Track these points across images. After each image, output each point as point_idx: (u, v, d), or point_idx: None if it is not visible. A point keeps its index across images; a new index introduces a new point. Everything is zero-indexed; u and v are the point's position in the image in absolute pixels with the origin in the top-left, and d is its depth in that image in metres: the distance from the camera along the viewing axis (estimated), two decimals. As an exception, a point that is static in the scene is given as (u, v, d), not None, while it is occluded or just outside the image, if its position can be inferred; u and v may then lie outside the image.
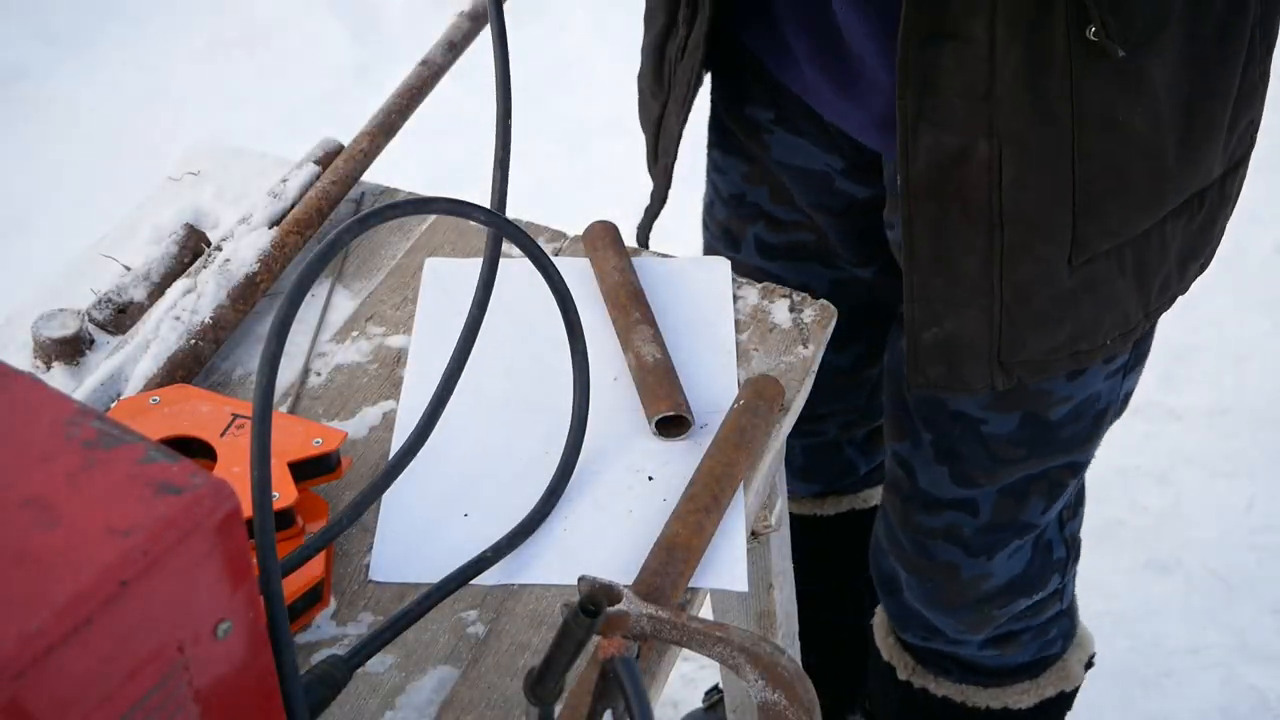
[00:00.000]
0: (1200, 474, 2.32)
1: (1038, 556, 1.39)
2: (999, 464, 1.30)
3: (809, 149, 1.30)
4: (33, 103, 3.13)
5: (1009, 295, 1.14)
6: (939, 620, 1.43)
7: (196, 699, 0.59)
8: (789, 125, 1.30)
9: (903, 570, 1.42)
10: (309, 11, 3.38)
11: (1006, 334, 1.16)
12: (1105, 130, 1.08)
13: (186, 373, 1.07)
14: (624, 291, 1.12)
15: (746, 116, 1.32)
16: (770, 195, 1.36)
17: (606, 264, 1.15)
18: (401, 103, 1.32)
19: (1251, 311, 2.61)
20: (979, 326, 1.16)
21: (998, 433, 1.27)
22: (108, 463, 0.56)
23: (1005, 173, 1.08)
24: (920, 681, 1.50)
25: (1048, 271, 1.13)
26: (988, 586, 1.38)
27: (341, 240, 0.82)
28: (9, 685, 0.49)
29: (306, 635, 0.92)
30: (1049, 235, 1.12)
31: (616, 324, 1.10)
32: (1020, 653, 1.46)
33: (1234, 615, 2.11)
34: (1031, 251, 1.12)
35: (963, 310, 1.15)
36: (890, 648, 1.52)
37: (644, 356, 1.06)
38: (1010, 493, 1.32)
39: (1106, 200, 1.11)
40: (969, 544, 1.35)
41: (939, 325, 1.16)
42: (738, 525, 0.98)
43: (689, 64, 1.24)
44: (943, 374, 1.19)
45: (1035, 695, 1.48)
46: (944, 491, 1.33)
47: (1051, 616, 1.46)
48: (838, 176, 1.31)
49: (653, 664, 0.91)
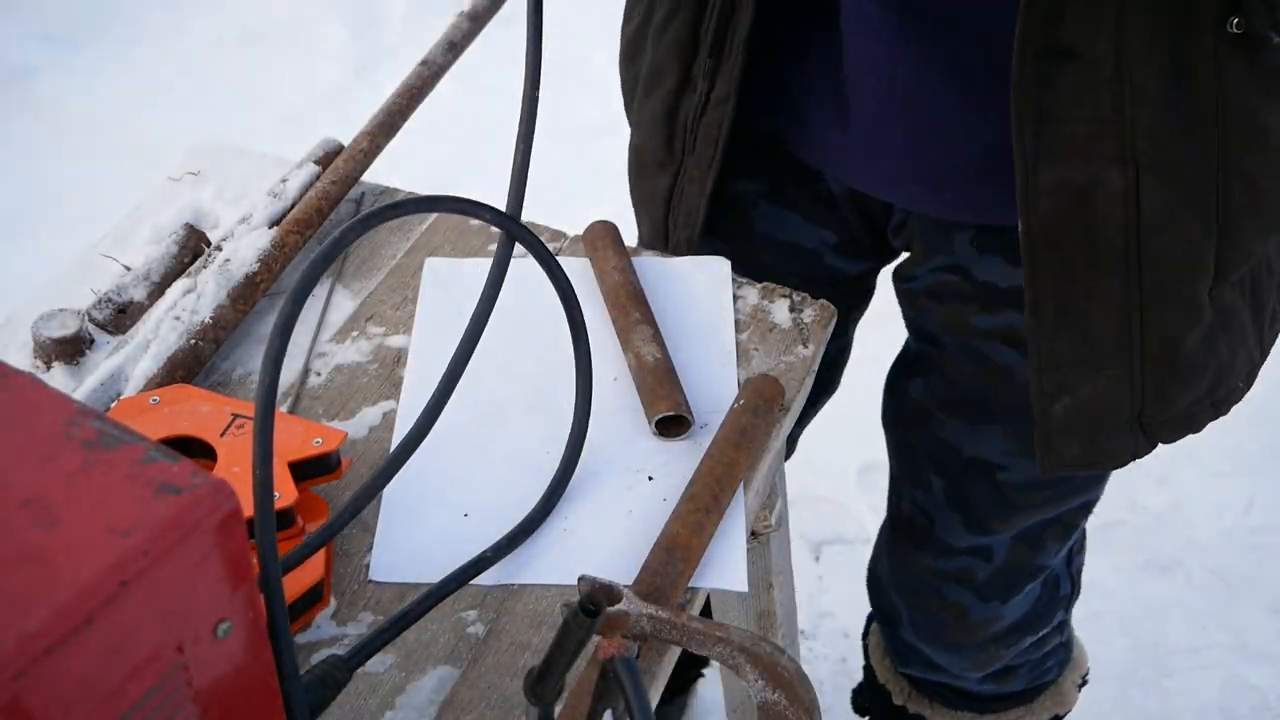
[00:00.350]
0: (1200, 474, 2.32)
1: (1045, 594, 1.37)
2: (1015, 511, 1.24)
3: (798, 223, 1.25)
4: (33, 103, 3.13)
5: (1153, 346, 1.02)
6: (941, 658, 1.40)
7: (196, 699, 0.59)
8: (778, 198, 1.25)
9: (905, 608, 1.38)
10: (309, 11, 3.38)
11: (1151, 392, 1.04)
12: (1251, 139, 0.97)
13: (186, 373, 1.07)
14: (624, 291, 1.12)
15: (730, 193, 1.25)
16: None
17: (606, 264, 1.15)
18: (401, 103, 1.32)
19: (1251, 311, 2.61)
20: (1119, 389, 1.04)
21: (1016, 480, 1.22)
22: (108, 463, 0.56)
23: (1144, 204, 0.96)
24: (915, 708, 1.49)
25: (1192, 311, 1.02)
26: (997, 629, 1.35)
27: (345, 240, 0.82)
28: (9, 685, 0.49)
29: (306, 635, 0.92)
30: (1194, 271, 1.00)
31: (616, 324, 1.11)
32: (1015, 683, 1.44)
33: (1234, 615, 2.11)
34: (1177, 292, 1.01)
35: (1100, 373, 1.04)
36: (886, 671, 1.50)
37: (644, 356, 1.06)
38: (1025, 538, 1.28)
39: (1244, 220, 1.00)
40: (981, 589, 1.31)
41: (1071, 394, 1.05)
42: (738, 525, 0.98)
43: (714, 118, 1.14)
44: (1080, 451, 1.08)
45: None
46: (957, 539, 1.29)
47: (1051, 650, 1.45)
48: (828, 252, 1.27)
49: (653, 664, 0.91)
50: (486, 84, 2.58)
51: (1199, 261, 1.00)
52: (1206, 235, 0.99)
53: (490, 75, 2.50)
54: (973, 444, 1.22)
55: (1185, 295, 1.01)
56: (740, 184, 1.25)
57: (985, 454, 1.21)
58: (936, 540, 1.31)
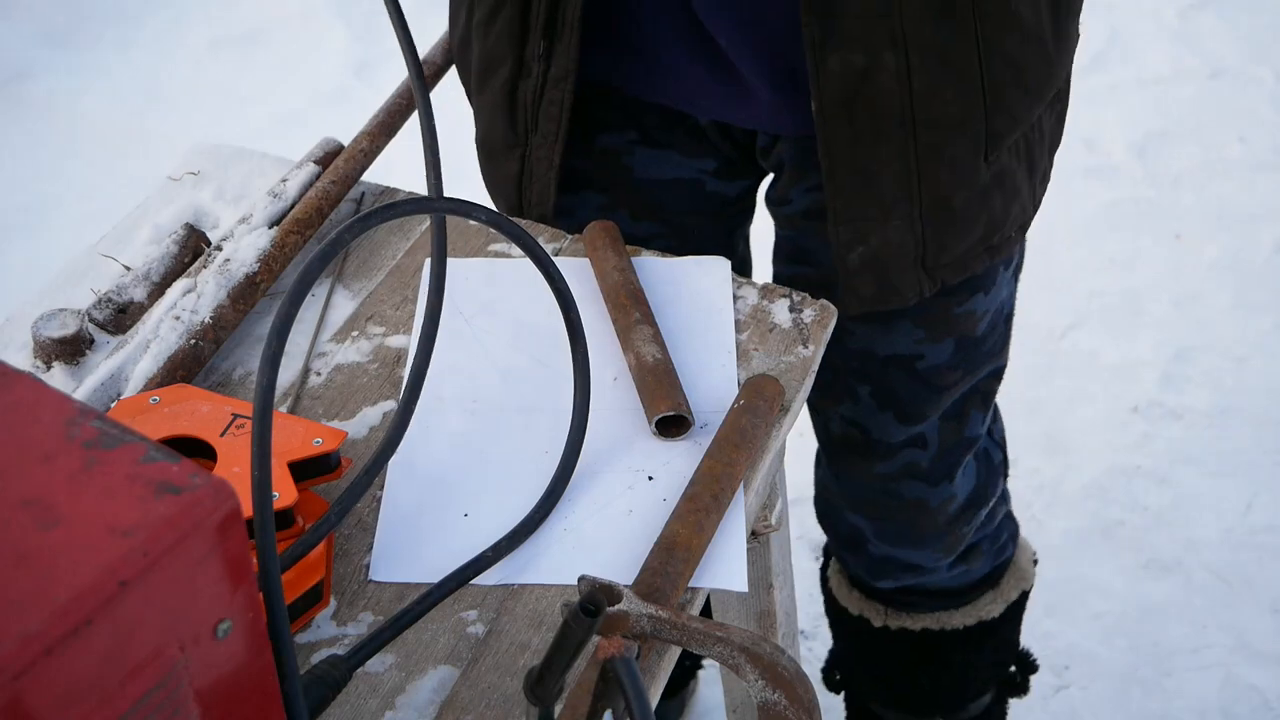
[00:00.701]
0: (1200, 474, 2.32)
1: (982, 466, 1.47)
2: (938, 392, 1.35)
3: (677, 160, 1.32)
4: (33, 103, 3.13)
5: (929, 200, 1.17)
6: (914, 556, 1.48)
7: (196, 699, 0.59)
8: (651, 141, 1.31)
9: (868, 521, 1.46)
10: (309, 11, 3.38)
11: (930, 239, 1.19)
12: (1003, 22, 1.13)
13: (186, 373, 1.07)
14: (624, 291, 1.12)
15: (600, 147, 1.31)
16: (631, 215, 1.34)
17: (606, 264, 1.15)
18: (402, 103, 1.32)
19: (1251, 311, 2.61)
20: (903, 236, 1.19)
21: (935, 363, 1.33)
22: (108, 463, 0.56)
23: (915, 81, 1.12)
24: (897, 623, 1.55)
25: (965, 171, 1.18)
26: (953, 508, 1.44)
27: (342, 240, 0.82)
28: (9, 685, 0.49)
29: (306, 635, 0.92)
30: (964, 135, 1.16)
31: (616, 324, 1.11)
32: (982, 564, 1.53)
33: (1234, 615, 2.11)
34: (948, 154, 1.16)
35: (886, 224, 1.18)
36: (858, 601, 1.57)
37: (644, 356, 1.06)
38: (952, 416, 1.39)
39: (1009, 92, 1.16)
40: (928, 475, 1.41)
41: (865, 243, 1.19)
42: (738, 525, 0.98)
43: (554, 96, 1.22)
44: (874, 291, 1.22)
45: (1002, 601, 1.56)
46: (894, 436, 1.38)
47: (1001, 520, 1.55)
48: (708, 179, 1.34)
49: (653, 664, 0.91)
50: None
51: (968, 128, 1.16)
52: (974, 106, 1.15)
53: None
54: (886, 343, 1.31)
55: (956, 157, 1.16)
56: (610, 138, 1.31)
57: (900, 349, 1.31)
58: (876, 444, 1.40)
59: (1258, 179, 2.94)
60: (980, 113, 1.15)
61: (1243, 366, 2.51)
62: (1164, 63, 3.26)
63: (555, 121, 1.23)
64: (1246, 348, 2.54)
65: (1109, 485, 2.30)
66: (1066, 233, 2.82)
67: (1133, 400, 2.45)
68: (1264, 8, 3.39)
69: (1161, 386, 2.47)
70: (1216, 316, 2.61)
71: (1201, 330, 2.58)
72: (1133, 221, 2.83)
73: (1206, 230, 2.81)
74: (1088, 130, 3.05)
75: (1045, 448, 2.36)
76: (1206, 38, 3.31)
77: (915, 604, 1.54)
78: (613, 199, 1.33)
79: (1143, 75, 3.22)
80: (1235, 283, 2.68)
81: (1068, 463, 2.34)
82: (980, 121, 1.16)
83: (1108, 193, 2.91)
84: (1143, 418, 2.42)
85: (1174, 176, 2.94)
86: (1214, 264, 2.73)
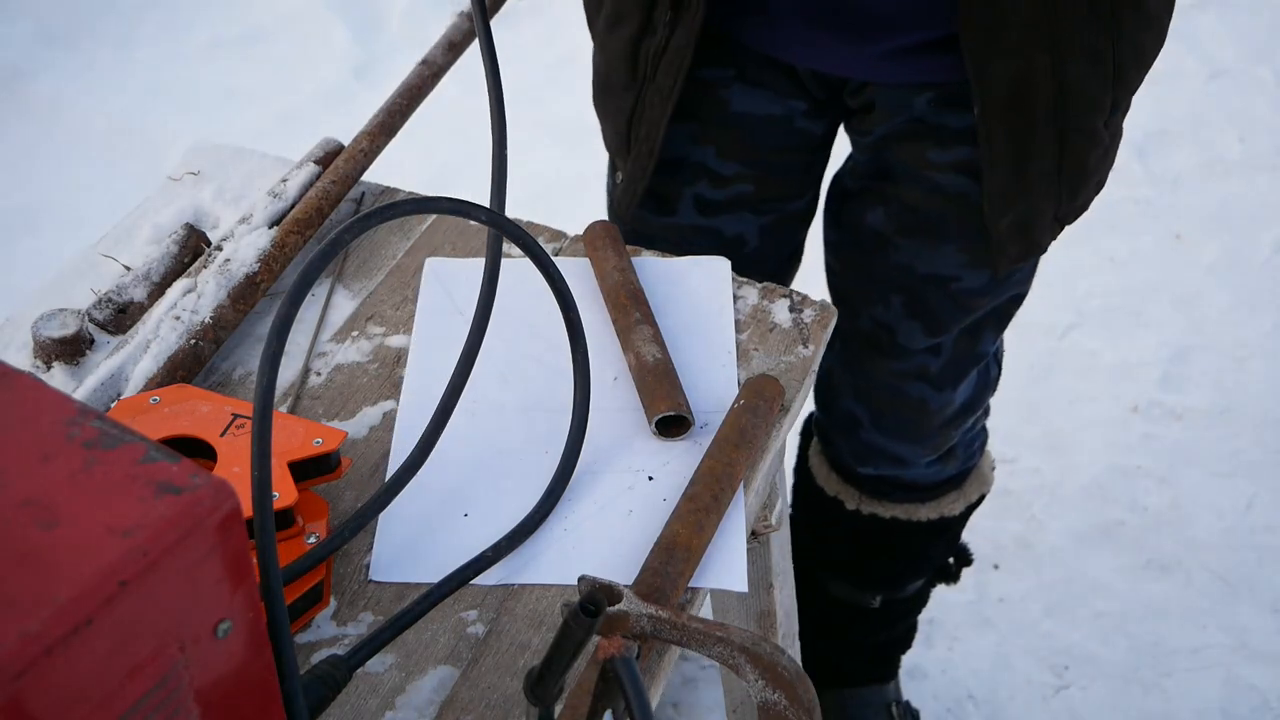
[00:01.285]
0: (1200, 474, 2.32)
1: (980, 378, 1.57)
2: (967, 312, 1.45)
3: (770, 98, 1.40)
4: (33, 103, 3.13)
5: (1071, 167, 1.32)
6: (902, 449, 1.58)
7: (197, 699, 0.59)
8: (749, 79, 1.39)
9: (866, 411, 1.55)
10: (309, 11, 3.38)
11: (1066, 197, 1.35)
12: (1134, 11, 1.26)
13: (186, 373, 1.07)
14: (624, 291, 1.12)
15: (702, 78, 1.39)
16: (717, 152, 1.43)
17: (607, 264, 1.15)
18: (401, 103, 1.32)
19: (1251, 311, 2.62)
20: (1047, 202, 1.34)
21: (967, 287, 1.42)
22: (108, 463, 0.56)
23: (1064, 74, 1.24)
24: (870, 508, 1.66)
25: (1095, 138, 1.33)
26: (949, 413, 1.55)
27: (342, 240, 0.82)
28: (9, 685, 0.49)
29: (306, 635, 0.92)
30: (1098, 110, 1.30)
31: (617, 324, 1.11)
32: (954, 465, 1.65)
33: (1234, 615, 2.11)
34: (1089, 128, 1.30)
35: (1032, 192, 1.32)
36: (836, 484, 1.67)
37: (644, 356, 1.06)
38: (969, 331, 1.48)
39: (1129, 72, 1.30)
40: (936, 380, 1.51)
41: (1014, 210, 1.33)
42: (738, 525, 0.98)
43: (674, 61, 1.31)
44: (1020, 250, 1.37)
45: (964, 502, 1.69)
46: (916, 343, 1.47)
47: (978, 430, 1.66)
48: (798, 117, 1.42)
49: (653, 664, 0.91)
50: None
51: (1101, 105, 1.31)
52: (1105, 87, 1.29)
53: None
54: (929, 262, 1.41)
55: (1092, 128, 1.32)
56: (712, 71, 1.39)
57: (940, 269, 1.41)
58: (898, 347, 1.49)
59: (1258, 179, 2.94)
60: (1110, 91, 1.29)
61: (1243, 366, 2.51)
62: (1164, 63, 3.26)
63: (673, 77, 1.32)
64: (1246, 348, 2.54)
65: (1109, 485, 2.30)
66: (1067, 232, 2.81)
67: (1133, 400, 2.45)
68: (1264, 8, 3.39)
69: (1161, 386, 2.47)
70: (1216, 316, 2.61)
71: (1201, 330, 2.58)
72: (1133, 221, 2.83)
73: (1206, 230, 2.81)
74: (1088, 130, 3.05)
75: (1045, 448, 2.36)
76: (1206, 38, 3.31)
77: (889, 494, 1.65)
78: (705, 130, 1.42)
79: (1142, 75, 3.22)
80: (1235, 283, 2.68)
81: (1068, 463, 2.34)
82: (1108, 99, 1.30)
83: (1107, 193, 2.90)
84: (1143, 418, 2.42)
85: (1174, 176, 2.94)
86: (1214, 264, 2.73)
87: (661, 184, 1.45)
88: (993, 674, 2.05)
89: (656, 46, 1.32)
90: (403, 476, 0.94)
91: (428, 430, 0.96)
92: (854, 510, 1.66)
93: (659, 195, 1.46)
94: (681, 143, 1.42)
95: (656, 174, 1.44)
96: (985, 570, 2.17)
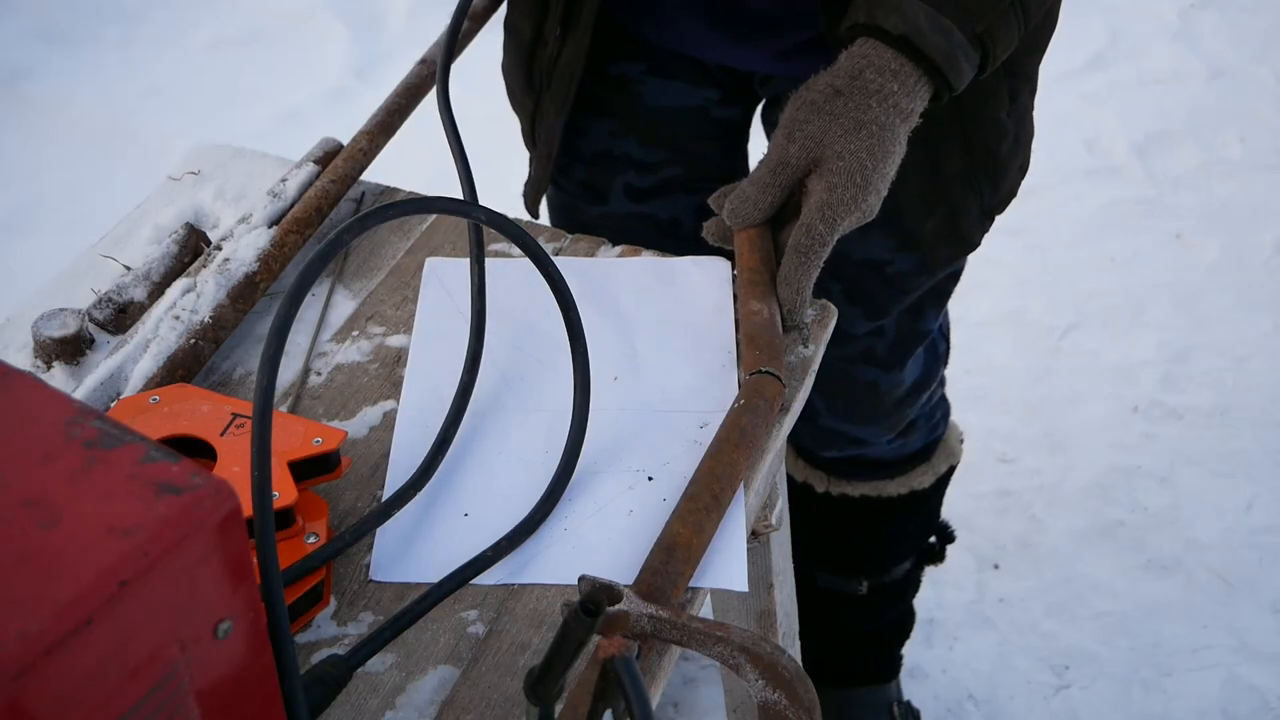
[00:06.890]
0: (1200, 474, 2.32)
1: (928, 355, 1.60)
2: (905, 293, 1.47)
3: (683, 89, 1.43)
4: (33, 103, 3.13)
5: (982, 164, 1.33)
6: (861, 430, 1.61)
7: (197, 699, 0.59)
8: (661, 72, 1.41)
9: (821, 397, 1.58)
10: (309, 11, 3.38)
11: (989, 193, 1.36)
12: None
13: (186, 372, 1.07)
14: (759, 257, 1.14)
15: (614, 74, 1.41)
16: (639, 140, 1.45)
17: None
18: (401, 103, 1.32)
19: (1251, 311, 2.62)
20: (968, 199, 1.36)
21: (904, 270, 1.44)
22: (108, 463, 0.56)
23: None
24: (839, 489, 1.69)
25: (1001, 130, 1.34)
26: (900, 392, 1.57)
27: (342, 240, 0.82)
28: (9, 685, 0.49)
29: (306, 635, 0.92)
30: (996, 104, 1.32)
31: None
32: (917, 439, 1.67)
33: (1234, 615, 2.11)
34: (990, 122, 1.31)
35: (952, 193, 1.34)
36: (803, 469, 1.70)
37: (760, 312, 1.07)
38: (910, 311, 1.50)
39: (1023, 59, 1.32)
40: (883, 361, 1.53)
41: (936, 214, 1.36)
42: (738, 525, 0.98)
43: (565, 74, 1.34)
44: (951, 249, 1.40)
45: (932, 474, 1.71)
46: (858, 328, 1.49)
47: (936, 401, 1.69)
48: (714, 106, 1.45)
49: (653, 664, 0.91)
50: (487, 84, 2.58)
51: (998, 96, 1.32)
52: (999, 79, 1.30)
53: (490, 75, 2.50)
54: (861, 249, 1.41)
55: (995, 120, 1.33)
56: (623, 66, 1.42)
57: (873, 255, 1.42)
58: (840, 333, 1.51)
59: (1258, 179, 2.94)
60: (1004, 80, 1.30)
61: (1243, 367, 2.51)
62: (1164, 63, 3.26)
63: (565, 87, 1.35)
64: (1246, 348, 2.54)
65: (1109, 485, 2.31)
66: (1067, 233, 2.82)
67: (1133, 400, 2.45)
68: (1264, 8, 3.39)
69: (1161, 386, 2.47)
70: (1216, 316, 2.61)
71: (1201, 330, 2.58)
72: (1133, 221, 2.84)
73: (1206, 230, 2.81)
74: (1088, 131, 3.06)
75: (1045, 448, 2.36)
76: (1206, 38, 3.32)
77: (855, 473, 1.68)
78: (623, 125, 1.44)
79: (1143, 75, 3.23)
80: (1235, 283, 2.68)
81: (1068, 463, 2.34)
82: (1004, 85, 1.31)
83: (1108, 193, 2.91)
84: (1143, 418, 2.42)
85: (1174, 177, 2.95)
86: (1214, 264, 2.73)
87: (592, 175, 1.49)
88: (993, 674, 2.05)
89: (549, 57, 1.35)
90: (407, 491, 0.94)
91: (434, 445, 0.96)
92: (824, 493, 1.69)
93: (590, 186, 1.50)
94: (601, 138, 1.45)
95: (584, 165, 1.48)
96: (985, 570, 2.18)
